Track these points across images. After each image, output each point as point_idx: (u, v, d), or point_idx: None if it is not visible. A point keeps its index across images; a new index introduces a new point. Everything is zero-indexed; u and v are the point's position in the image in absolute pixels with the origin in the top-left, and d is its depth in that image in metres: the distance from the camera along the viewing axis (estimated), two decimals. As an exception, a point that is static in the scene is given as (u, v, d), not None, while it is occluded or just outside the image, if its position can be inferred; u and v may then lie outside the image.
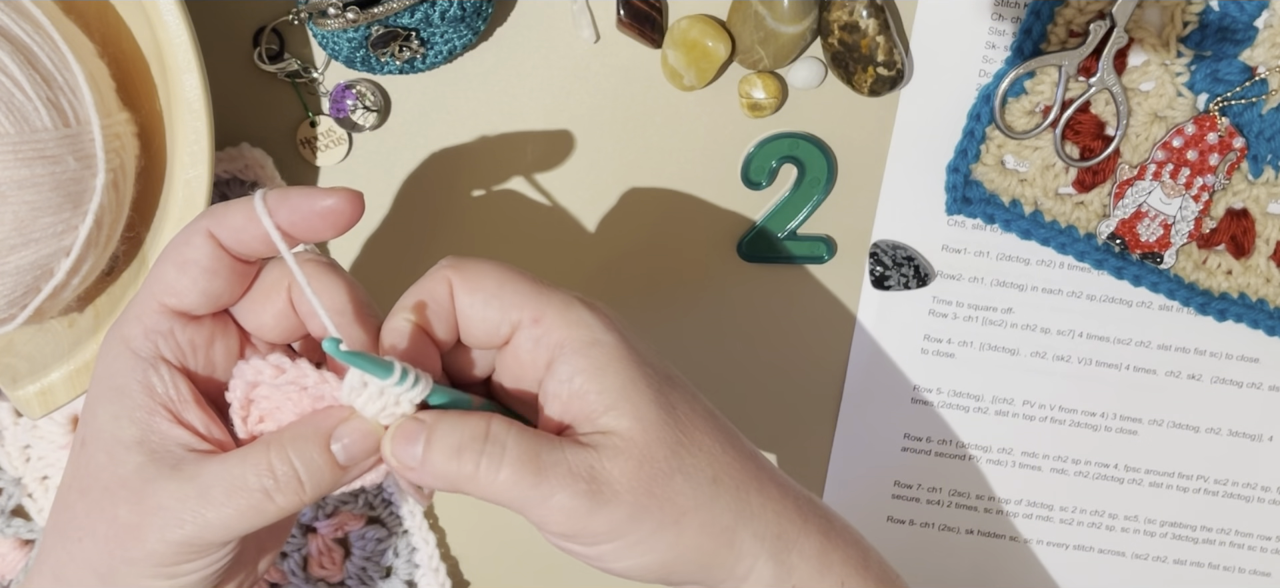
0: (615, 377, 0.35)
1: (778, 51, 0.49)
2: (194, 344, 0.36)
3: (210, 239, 0.36)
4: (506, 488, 0.34)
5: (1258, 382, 0.55)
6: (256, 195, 0.35)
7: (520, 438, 0.34)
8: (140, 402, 0.35)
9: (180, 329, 0.36)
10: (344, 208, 0.36)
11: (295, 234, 0.36)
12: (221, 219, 0.36)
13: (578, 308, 0.36)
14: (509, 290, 0.36)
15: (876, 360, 0.54)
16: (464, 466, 0.34)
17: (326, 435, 0.35)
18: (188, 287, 0.36)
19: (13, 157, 0.38)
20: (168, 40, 0.42)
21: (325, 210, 0.35)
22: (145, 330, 0.36)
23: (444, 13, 0.46)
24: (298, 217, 0.35)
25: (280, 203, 0.35)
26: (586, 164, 0.52)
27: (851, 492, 0.56)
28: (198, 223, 0.36)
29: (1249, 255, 0.51)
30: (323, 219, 0.35)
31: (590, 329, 0.36)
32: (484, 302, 0.36)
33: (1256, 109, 0.50)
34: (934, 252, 0.53)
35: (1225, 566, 0.57)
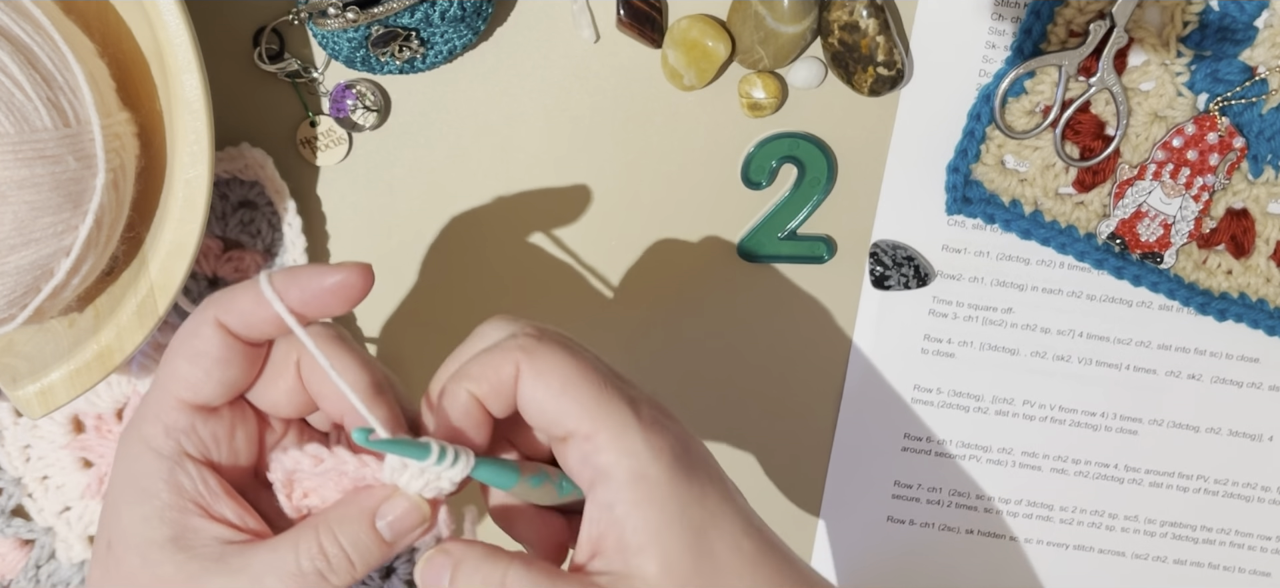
0: (653, 516, 0.34)
1: (778, 51, 0.49)
2: (216, 437, 0.37)
3: (219, 328, 0.36)
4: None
5: (1258, 382, 0.55)
6: (261, 279, 0.35)
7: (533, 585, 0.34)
8: (169, 501, 0.35)
9: (201, 424, 0.36)
10: (354, 282, 0.35)
11: (307, 313, 0.36)
12: (228, 306, 0.36)
13: (633, 434, 0.35)
14: (570, 397, 0.35)
15: (876, 360, 0.54)
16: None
17: (371, 514, 0.35)
18: (202, 379, 0.36)
19: (13, 156, 0.38)
20: (168, 40, 0.42)
21: (335, 287, 0.35)
22: (166, 428, 0.36)
23: (444, 13, 0.46)
24: (308, 295, 0.35)
25: (289, 284, 0.35)
26: (586, 164, 0.52)
27: (851, 492, 0.56)
28: (204, 312, 0.36)
29: (1249, 255, 0.51)
30: (333, 295, 0.35)
31: (639, 460, 0.34)
32: (544, 399, 0.35)
33: (1256, 109, 0.50)
34: (934, 252, 0.53)
35: (1225, 566, 0.57)
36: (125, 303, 0.45)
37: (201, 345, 0.36)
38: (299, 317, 0.35)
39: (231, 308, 0.36)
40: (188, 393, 0.36)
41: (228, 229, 0.51)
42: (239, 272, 0.51)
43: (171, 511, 0.35)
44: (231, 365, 0.36)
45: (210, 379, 0.36)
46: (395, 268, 0.53)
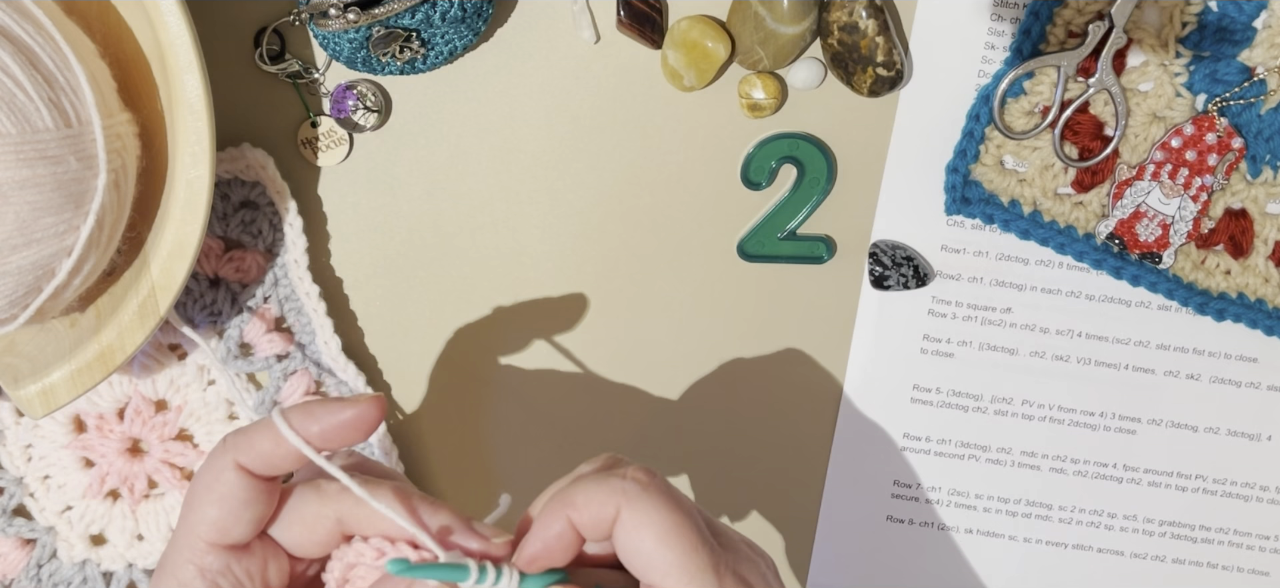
0: None
1: (777, 52, 0.49)
2: (250, 573, 0.38)
3: (240, 471, 0.37)
4: None
5: (1256, 381, 0.55)
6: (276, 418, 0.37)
7: None
8: None
9: (235, 562, 0.37)
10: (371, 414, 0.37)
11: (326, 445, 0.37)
12: (247, 448, 0.37)
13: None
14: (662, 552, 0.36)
15: (876, 360, 0.54)
16: None
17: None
18: (231, 522, 0.37)
19: (14, 157, 0.38)
20: (169, 41, 0.42)
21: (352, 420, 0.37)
22: (200, 570, 0.37)
23: (445, 13, 0.47)
24: (326, 429, 0.37)
25: (307, 420, 0.37)
26: (586, 164, 0.52)
27: (851, 492, 0.56)
28: (223, 458, 0.37)
29: (1247, 255, 0.51)
30: (350, 428, 0.37)
31: None
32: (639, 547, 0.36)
33: (1255, 109, 0.50)
34: (933, 252, 0.53)
35: (1224, 565, 0.57)
36: (127, 303, 0.45)
37: (226, 489, 0.37)
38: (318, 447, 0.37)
39: (251, 450, 0.37)
40: (217, 535, 0.37)
41: (229, 229, 0.51)
42: (240, 272, 0.51)
43: None
44: (257, 503, 0.37)
45: (238, 521, 0.37)
46: (396, 268, 0.53)
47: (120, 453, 0.53)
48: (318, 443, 0.37)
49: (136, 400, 0.52)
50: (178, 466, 0.53)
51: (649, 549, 0.36)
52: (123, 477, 0.53)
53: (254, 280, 0.52)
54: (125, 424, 0.53)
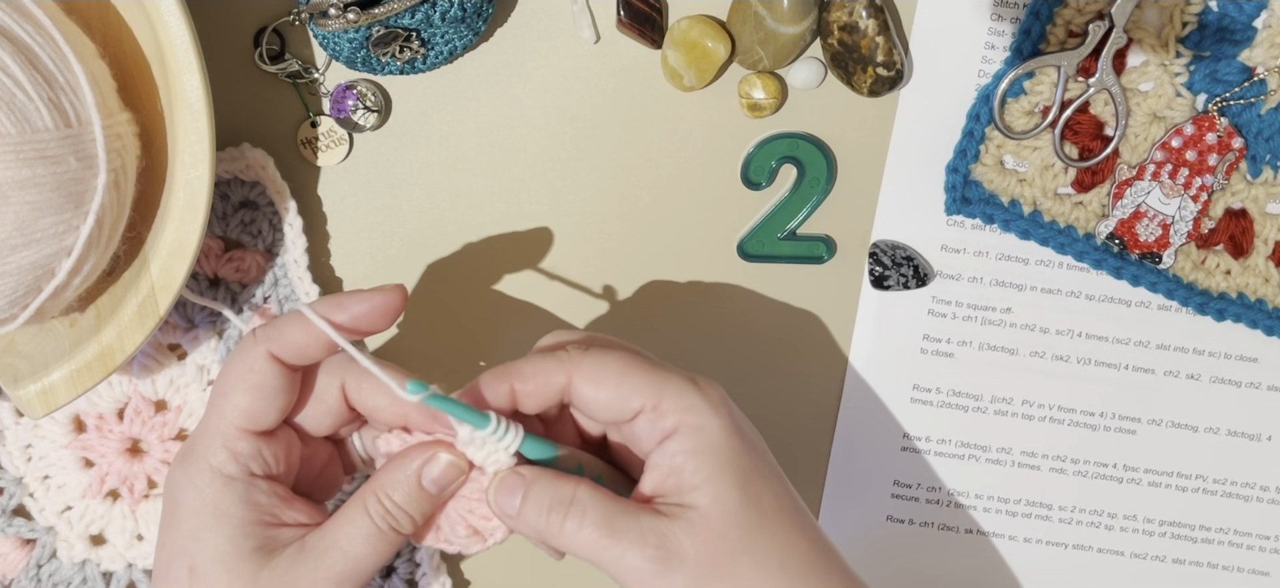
0: (710, 460, 0.39)
1: (777, 52, 0.49)
2: (277, 456, 0.41)
3: (273, 361, 0.39)
4: (585, 545, 0.38)
5: (1256, 381, 0.55)
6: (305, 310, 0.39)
7: (600, 503, 0.38)
8: (249, 517, 0.39)
9: (264, 447, 0.40)
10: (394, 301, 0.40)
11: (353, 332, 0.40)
12: (279, 339, 0.39)
13: (692, 393, 0.40)
14: (630, 383, 0.39)
15: (876, 360, 0.54)
16: (551, 522, 0.39)
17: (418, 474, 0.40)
18: (264, 408, 0.40)
19: (14, 157, 0.38)
20: (169, 41, 0.42)
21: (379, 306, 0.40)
22: (233, 455, 0.39)
23: (444, 13, 0.47)
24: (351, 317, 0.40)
25: (334, 308, 0.40)
26: (586, 164, 0.52)
27: (851, 492, 0.56)
28: (256, 347, 0.39)
29: (1247, 255, 0.51)
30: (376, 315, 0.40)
31: (700, 415, 0.39)
32: (607, 394, 0.40)
33: (1255, 109, 0.50)
34: (933, 252, 0.53)
35: (1224, 565, 0.57)
36: (126, 303, 0.45)
37: (259, 378, 0.39)
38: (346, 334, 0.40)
39: (283, 340, 0.39)
40: (250, 422, 0.40)
41: (229, 229, 0.51)
42: (240, 272, 0.51)
43: (252, 525, 0.39)
44: (286, 391, 0.40)
45: (270, 407, 0.40)
46: (396, 268, 0.53)
47: (120, 453, 0.53)
48: (346, 329, 0.39)
49: (136, 401, 0.52)
50: (177, 466, 0.53)
51: (615, 388, 0.39)
52: (122, 477, 0.53)
53: (254, 280, 0.52)
54: (125, 424, 0.52)
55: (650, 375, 0.39)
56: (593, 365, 0.40)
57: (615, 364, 0.40)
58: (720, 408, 0.40)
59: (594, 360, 0.40)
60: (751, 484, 0.39)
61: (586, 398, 0.40)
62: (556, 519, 0.38)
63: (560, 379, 0.40)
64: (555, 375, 0.40)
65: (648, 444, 0.40)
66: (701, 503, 0.38)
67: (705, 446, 0.39)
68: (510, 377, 0.40)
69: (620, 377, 0.39)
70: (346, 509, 0.40)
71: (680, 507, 0.39)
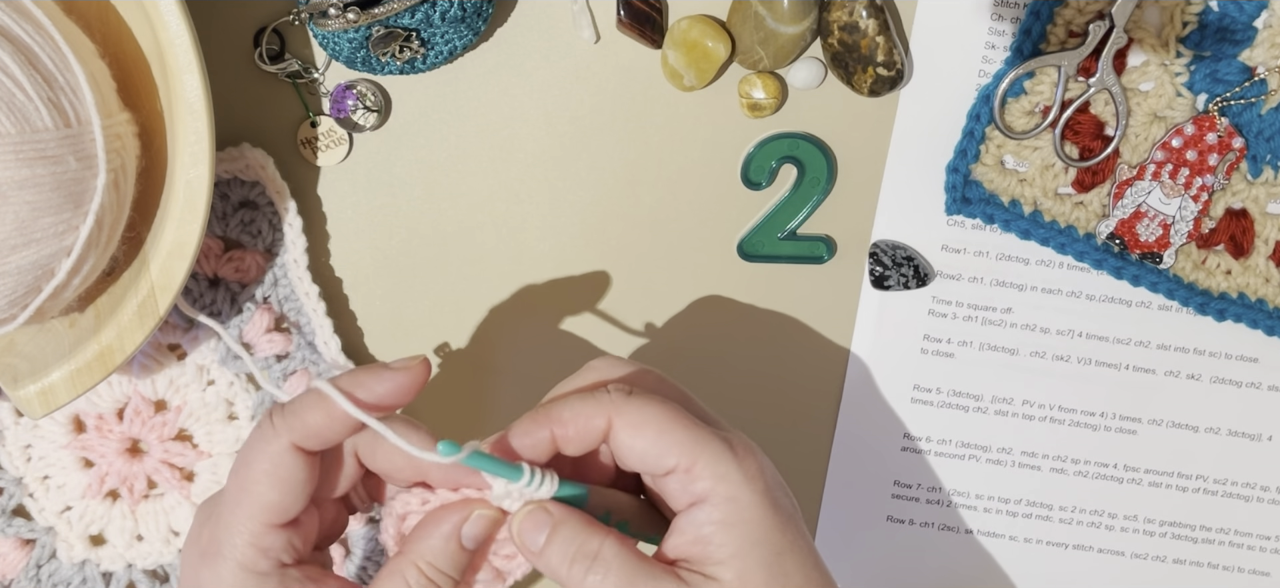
0: (738, 534, 0.37)
1: (778, 52, 0.49)
2: (305, 538, 0.40)
3: (297, 452, 0.38)
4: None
5: (1257, 381, 0.55)
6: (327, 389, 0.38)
7: (624, 562, 0.37)
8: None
9: (293, 535, 0.39)
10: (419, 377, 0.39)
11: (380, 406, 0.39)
12: (302, 427, 0.38)
13: (727, 461, 0.38)
14: (668, 439, 0.38)
15: (876, 360, 0.54)
16: (573, 572, 0.38)
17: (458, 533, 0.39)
18: (292, 502, 0.38)
19: (14, 157, 0.38)
20: (168, 40, 0.42)
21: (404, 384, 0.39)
22: (263, 551, 0.38)
23: (444, 13, 0.47)
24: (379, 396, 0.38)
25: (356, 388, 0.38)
26: (586, 164, 0.52)
27: (851, 492, 0.56)
28: (277, 441, 0.38)
29: (1248, 255, 0.51)
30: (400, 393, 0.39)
31: (733, 486, 0.38)
32: (644, 445, 0.38)
33: (1255, 109, 0.50)
34: (933, 252, 0.53)
35: (1225, 565, 0.57)
36: (126, 303, 0.45)
37: (286, 473, 0.38)
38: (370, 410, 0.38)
39: (305, 429, 0.38)
40: (278, 516, 0.38)
41: (228, 229, 0.51)
42: (240, 272, 0.51)
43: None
44: (311, 479, 0.39)
45: (298, 499, 0.39)
46: (396, 268, 0.53)
47: (120, 453, 0.53)
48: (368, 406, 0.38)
49: (136, 401, 0.52)
50: (177, 466, 0.53)
51: (654, 440, 0.38)
52: (122, 477, 0.53)
53: (254, 280, 0.52)
54: (125, 424, 0.52)
55: (688, 434, 0.38)
56: (634, 413, 0.38)
57: (656, 416, 0.38)
58: (755, 479, 0.38)
59: (636, 408, 0.38)
60: (780, 563, 0.38)
61: (623, 446, 0.38)
62: (579, 570, 0.38)
63: (600, 424, 0.38)
64: (595, 419, 0.38)
65: (677, 503, 0.39)
66: (726, 578, 0.37)
67: (735, 519, 0.37)
68: (550, 423, 0.39)
69: (659, 431, 0.38)
70: (383, 582, 0.39)
71: (704, 577, 0.37)
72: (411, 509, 0.40)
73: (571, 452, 0.39)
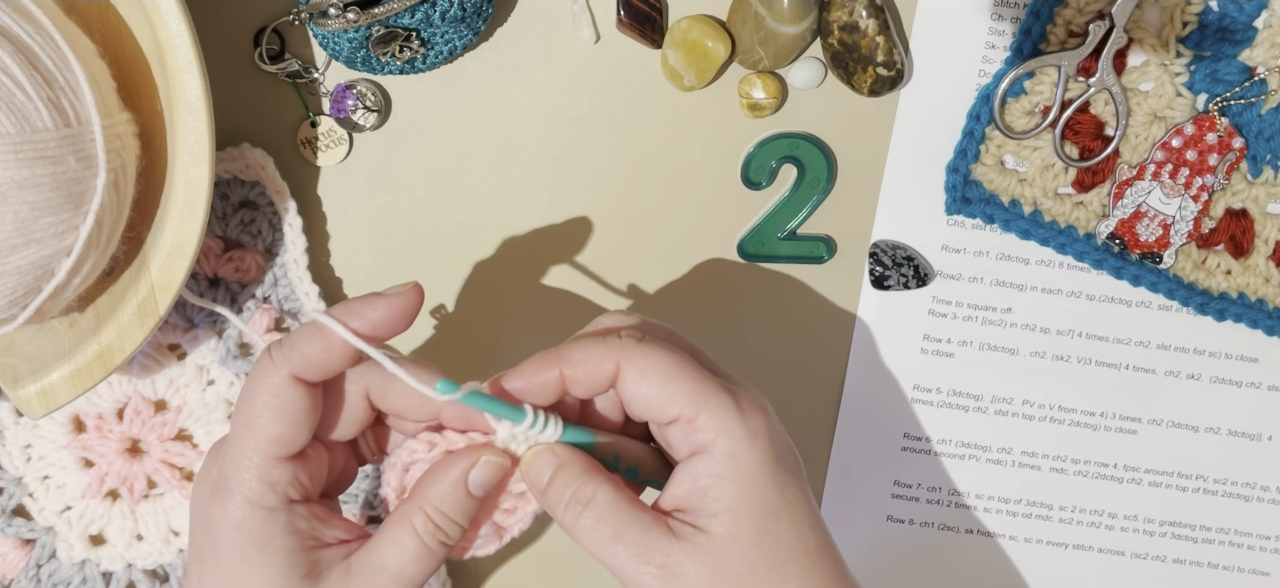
0: (734, 489, 0.38)
1: (778, 52, 0.49)
2: (311, 475, 0.39)
3: (297, 383, 0.38)
4: (592, 546, 0.38)
5: (1257, 381, 0.55)
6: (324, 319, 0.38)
7: (615, 509, 0.38)
8: (293, 545, 0.38)
9: (299, 470, 0.39)
10: (412, 301, 0.39)
11: (376, 336, 0.38)
12: (301, 358, 0.38)
13: (731, 414, 0.38)
14: (673, 388, 0.38)
15: (876, 360, 0.54)
16: (568, 514, 0.38)
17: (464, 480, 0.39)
18: (295, 433, 0.38)
19: (14, 157, 0.38)
20: (168, 40, 0.42)
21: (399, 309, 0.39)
22: (269, 485, 0.38)
23: (444, 13, 0.47)
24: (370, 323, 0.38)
25: (353, 316, 0.38)
26: (586, 164, 0.52)
27: (851, 492, 0.56)
28: (278, 372, 0.38)
29: (1248, 255, 0.51)
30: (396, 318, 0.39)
31: (735, 440, 0.38)
32: (650, 391, 0.38)
33: (1255, 109, 0.50)
34: (933, 252, 0.53)
35: (1224, 565, 0.57)
36: (126, 303, 0.45)
37: (287, 404, 0.38)
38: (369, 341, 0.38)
39: (304, 360, 0.38)
40: (283, 449, 0.38)
41: (228, 229, 0.51)
42: (240, 272, 0.51)
43: (297, 553, 0.38)
44: (313, 410, 0.39)
45: (301, 430, 0.38)
46: (396, 268, 0.53)
47: (120, 453, 0.53)
48: (366, 335, 0.38)
49: (136, 401, 0.52)
50: (177, 466, 0.53)
51: (659, 388, 0.38)
52: (122, 477, 0.53)
53: (254, 280, 0.52)
54: (125, 424, 0.52)
55: (695, 384, 0.38)
56: (642, 359, 0.38)
57: (663, 363, 0.38)
58: (758, 436, 0.38)
59: (644, 354, 0.39)
60: (773, 523, 0.38)
61: (630, 392, 0.39)
62: (573, 513, 0.38)
63: (609, 367, 0.39)
64: (604, 362, 0.39)
65: (680, 453, 0.39)
66: (716, 531, 0.38)
67: (733, 473, 0.38)
68: (560, 362, 0.39)
69: (665, 378, 0.38)
70: (390, 528, 0.39)
71: (695, 529, 0.38)
72: (417, 458, 0.40)
73: (579, 394, 0.40)
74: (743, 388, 0.40)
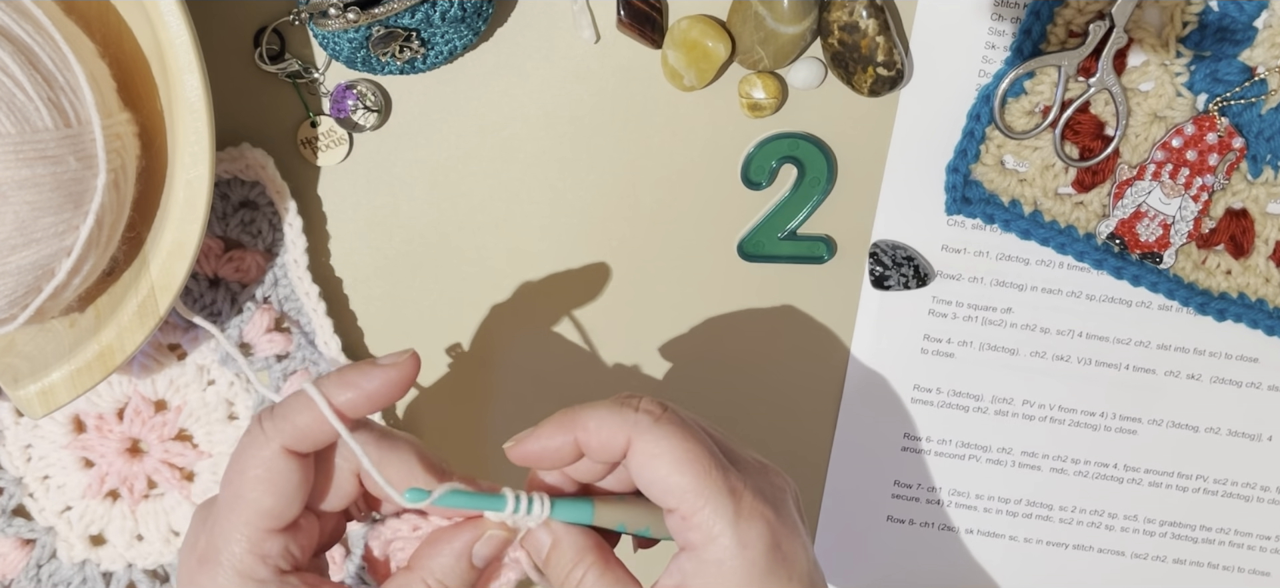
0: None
1: (778, 52, 0.49)
2: (303, 546, 0.39)
3: (289, 455, 0.38)
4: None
5: (1257, 381, 0.55)
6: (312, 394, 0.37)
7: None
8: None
9: (290, 541, 0.39)
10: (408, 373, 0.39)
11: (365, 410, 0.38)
12: (292, 430, 0.38)
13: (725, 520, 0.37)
14: (677, 478, 0.38)
15: (876, 360, 0.54)
16: None
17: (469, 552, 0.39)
18: (286, 506, 0.38)
19: (14, 157, 0.38)
20: (169, 40, 0.42)
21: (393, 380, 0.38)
22: (261, 558, 0.38)
23: (444, 13, 0.47)
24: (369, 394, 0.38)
25: (343, 387, 0.38)
26: (586, 164, 0.52)
27: (851, 492, 0.56)
28: (268, 446, 0.38)
29: (1248, 255, 0.51)
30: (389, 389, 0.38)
31: (724, 550, 0.37)
32: (653, 476, 0.38)
33: (1256, 109, 0.50)
34: (934, 252, 0.53)
35: (1225, 565, 0.57)
36: (126, 303, 0.45)
37: (279, 478, 0.38)
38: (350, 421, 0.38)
39: (295, 431, 0.38)
40: (273, 522, 0.38)
41: (228, 229, 0.51)
42: (240, 272, 0.51)
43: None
44: (305, 482, 0.39)
45: (292, 503, 0.38)
46: (396, 268, 0.53)
47: (120, 453, 0.53)
48: (360, 408, 0.38)
49: (136, 401, 0.52)
50: (177, 466, 0.53)
51: (663, 476, 0.38)
52: (122, 477, 0.53)
53: (254, 280, 0.52)
54: (125, 424, 0.52)
55: (698, 480, 0.37)
56: (653, 441, 0.38)
57: (672, 449, 0.38)
58: (749, 547, 0.37)
59: (656, 436, 0.38)
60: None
61: (636, 470, 0.39)
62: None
63: (620, 440, 0.38)
64: (617, 434, 0.38)
65: (677, 541, 0.39)
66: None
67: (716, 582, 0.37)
68: (574, 428, 0.39)
69: (672, 466, 0.38)
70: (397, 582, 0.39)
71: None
72: (400, 535, 0.40)
73: (594, 458, 0.39)
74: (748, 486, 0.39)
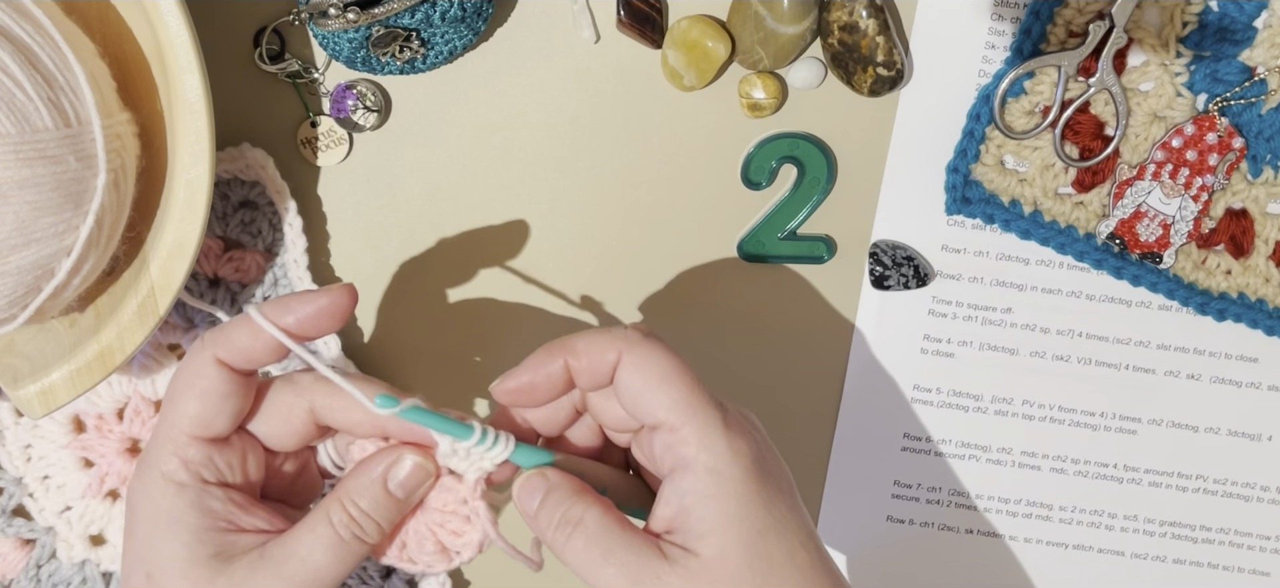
0: (720, 509, 0.37)
1: (778, 52, 0.49)
2: (231, 464, 0.39)
3: (220, 366, 0.38)
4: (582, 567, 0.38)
5: (1257, 381, 0.55)
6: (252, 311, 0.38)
7: (605, 530, 0.38)
8: (204, 524, 0.38)
9: (216, 454, 0.39)
10: (342, 302, 0.39)
11: (302, 334, 0.39)
12: (226, 343, 0.39)
13: (717, 433, 0.38)
14: (666, 390, 0.38)
15: (876, 360, 0.54)
16: (557, 536, 0.38)
17: (383, 478, 0.39)
18: (212, 415, 0.39)
19: (14, 157, 0.38)
20: (169, 40, 0.42)
21: (326, 308, 0.39)
22: (183, 463, 0.39)
23: (444, 13, 0.47)
24: (300, 320, 0.39)
25: (281, 311, 0.39)
26: (586, 164, 0.52)
27: (851, 492, 0.56)
28: (202, 354, 0.39)
29: (1248, 255, 0.51)
30: (324, 316, 0.39)
31: (718, 458, 0.38)
32: (641, 388, 0.38)
33: (1255, 109, 0.50)
34: (933, 252, 0.53)
35: (1224, 565, 0.57)
36: (126, 303, 0.45)
37: (206, 384, 0.38)
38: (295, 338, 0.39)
39: (229, 344, 0.39)
40: (199, 429, 0.39)
41: (228, 229, 0.51)
42: (240, 272, 0.51)
43: (207, 532, 0.38)
44: (235, 397, 0.39)
45: (219, 413, 0.39)
46: (396, 268, 0.53)
47: (120, 453, 0.53)
48: (294, 332, 0.38)
49: (136, 400, 0.52)
50: (177, 466, 0.53)
51: (652, 388, 0.38)
52: (122, 477, 0.53)
53: (254, 280, 0.52)
54: (125, 424, 0.52)
55: (686, 392, 0.38)
56: (643, 354, 0.38)
57: (661, 363, 0.38)
58: (742, 453, 0.38)
59: (646, 350, 0.38)
60: (763, 542, 0.37)
61: (624, 385, 0.39)
62: (562, 535, 0.38)
63: (611, 356, 0.39)
64: (607, 351, 0.39)
65: (663, 467, 0.39)
66: (705, 553, 0.37)
67: (716, 491, 0.37)
68: (564, 351, 0.39)
69: (661, 378, 0.38)
70: (310, 517, 0.39)
71: (685, 551, 0.37)
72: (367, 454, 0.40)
73: (584, 384, 0.40)
74: (731, 406, 0.40)
